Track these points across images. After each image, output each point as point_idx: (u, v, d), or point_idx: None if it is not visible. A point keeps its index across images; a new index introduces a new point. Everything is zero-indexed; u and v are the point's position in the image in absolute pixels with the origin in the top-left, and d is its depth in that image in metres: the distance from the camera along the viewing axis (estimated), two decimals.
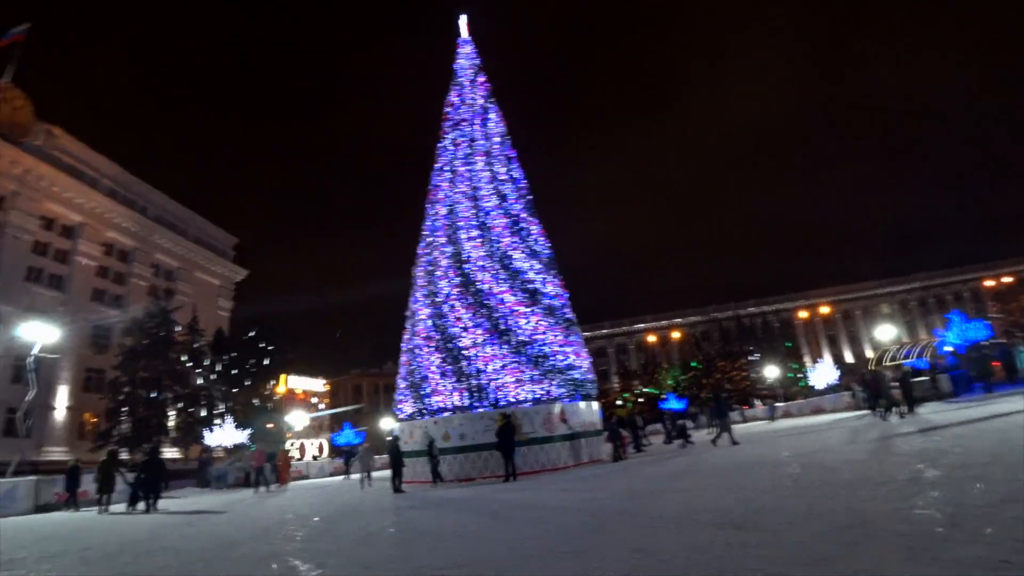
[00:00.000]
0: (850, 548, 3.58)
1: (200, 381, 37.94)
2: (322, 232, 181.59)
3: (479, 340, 15.86)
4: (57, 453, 36.79)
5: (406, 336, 18.02)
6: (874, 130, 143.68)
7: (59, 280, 41.79)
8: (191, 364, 37.77)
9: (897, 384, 18.05)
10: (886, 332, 44.80)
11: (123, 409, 35.27)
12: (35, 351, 19.06)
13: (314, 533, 7.95)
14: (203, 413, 35.77)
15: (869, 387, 19.04)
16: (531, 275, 17.06)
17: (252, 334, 39.87)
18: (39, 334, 18.59)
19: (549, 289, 17.27)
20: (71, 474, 18.47)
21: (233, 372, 37.41)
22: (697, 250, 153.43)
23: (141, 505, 14.88)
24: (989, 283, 63.51)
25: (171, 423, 36.23)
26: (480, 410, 15.64)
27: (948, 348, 23.87)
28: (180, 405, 36.22)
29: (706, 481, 8.71)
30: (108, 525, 12.26)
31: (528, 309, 16.40)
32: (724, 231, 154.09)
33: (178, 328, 38.91)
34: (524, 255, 17.26)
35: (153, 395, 34.35)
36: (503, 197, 18.12)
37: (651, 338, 66.30)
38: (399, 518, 9.14)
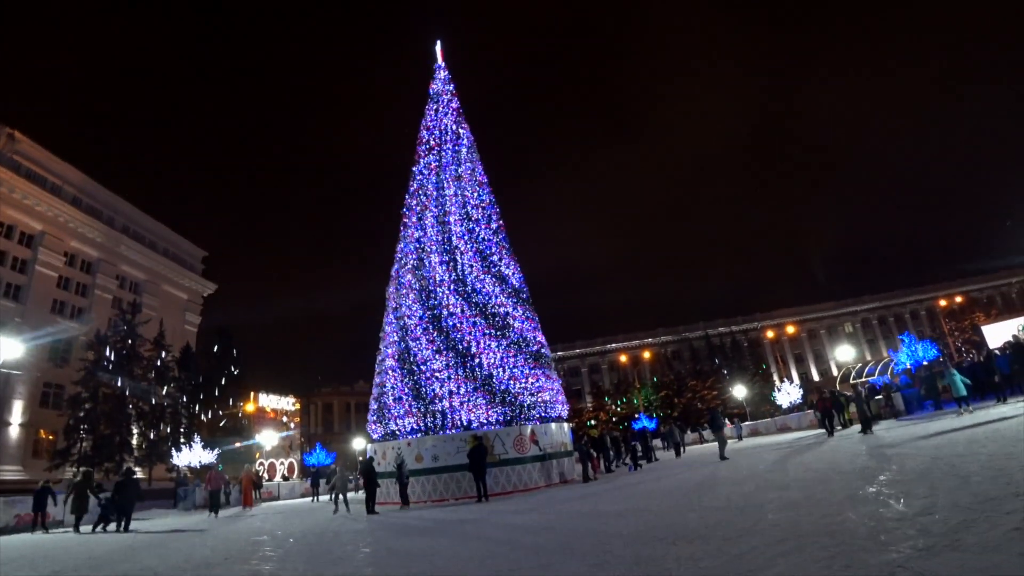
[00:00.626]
0: (780, 558, 4.06)
1: (166, 398, 36.92)
2: (292, 247, 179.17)
3: (447, 364, 16.12)
4: (10, 472, 35.23)
5: (379, 358, 18.19)
6: (825, 156, 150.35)
7: (16, 290, 40.34)
8: (157, 380, 36.77)
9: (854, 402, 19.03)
10: (846, 352, 46.76)
11: (83, 427, 34.06)
12: None
13: (291, 553, 8.09)
14: (169, 431, 34.74)
15: (816, 408, 20.22)
16: (500, 300, 17.43)
17: (224, 346, 39.07)
18: (4, 349, 18.00)
19: (518, 315, 17.64)
20: (40, 495, 17.82)
21: (200, 389, 36.54)
22: (666, 270, 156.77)
23: (112, 526, 14.62)
24: (943, 302, 67.27)
25: (134, 441, 35.06)
26: (451, 432, 15.87)
27: (901, 368, 25.24)
28: (143, 423, 35.14)
29: (668, 500, 9.17)
30: (80, 546, 12.02)
31: (495, 337, 16.70)
32: (692, 252, 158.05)
33: (143, 343, 37.93)
34: (493, 281, 17.66)
35: (116, 412, 33.26)
36: (474, 223, 18.58)
37: (623, 358, 67.30)
38: (373, 538, 9.32)
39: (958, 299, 66.90)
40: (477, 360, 16.04)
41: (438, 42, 25.42)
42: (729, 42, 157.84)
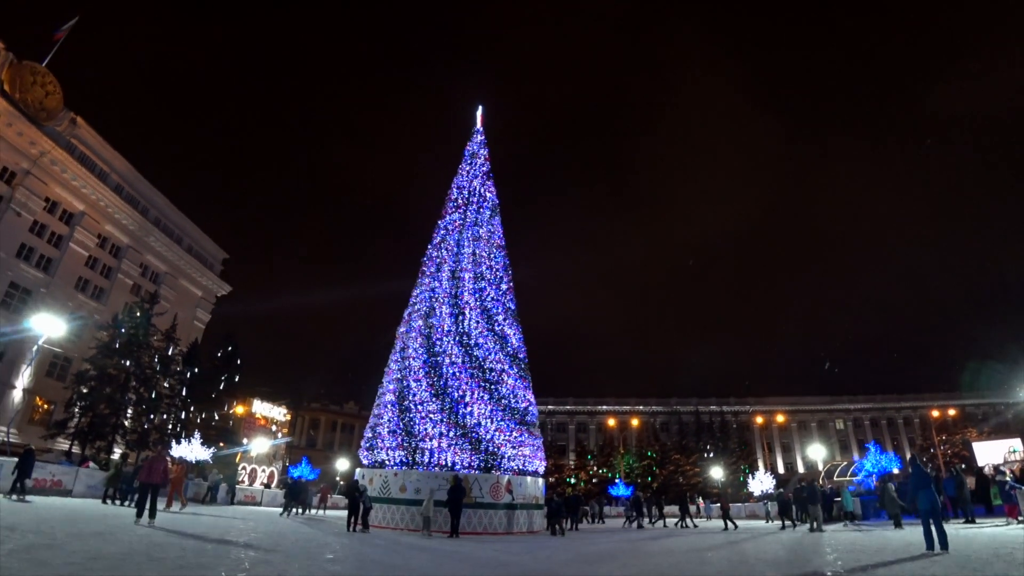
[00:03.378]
0: None
1: (166, 389, 38.23)
2: (300, 263, 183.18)
3: (441, 408, 17.53)
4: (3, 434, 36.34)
5: (380, 390, 19.63)
6: (833, 248, 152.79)
7: (48, 262, 42.49)
8: (161, 371, 38.17)
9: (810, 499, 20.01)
10: (817, 451, 47.65)
11: (82, 403, 35.25)
12: (40, 342, 20.06)
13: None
14: (164, 421, 35.88)
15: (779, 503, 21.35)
16: (497, 358, 18.87)
17: (228, 349, 40.54)
18: (47, 327, 19.59)
19: (511, 374, 19.12)
20: (25, 459, 17.45)
21: (200, 385, 37.86)
22: (664, 342, 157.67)
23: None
24: (935, 413, 67.25)
25: (128, 424, 36.18)
26: (435, 469, 17.15)
27: (863, 474, 26.25)
28: (142, 408, 36.35)
29: (612, 561, 10.42)
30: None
31: (487, 391, 18.14)
32: (691, 327, 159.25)
33: (155, 333, 39.53)
34: (494, 339, 19.22)
35: (118, 394, 34.57)
36: (486, 282, 20.30)
37: (611, 421, 67.71)
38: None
39: (951, 411, 66.98)
40: (468, 409, 17.45)
41: (480, 108, 27.68)
42: (745, 128, 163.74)
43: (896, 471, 25.49)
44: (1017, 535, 13.00)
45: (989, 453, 36.09)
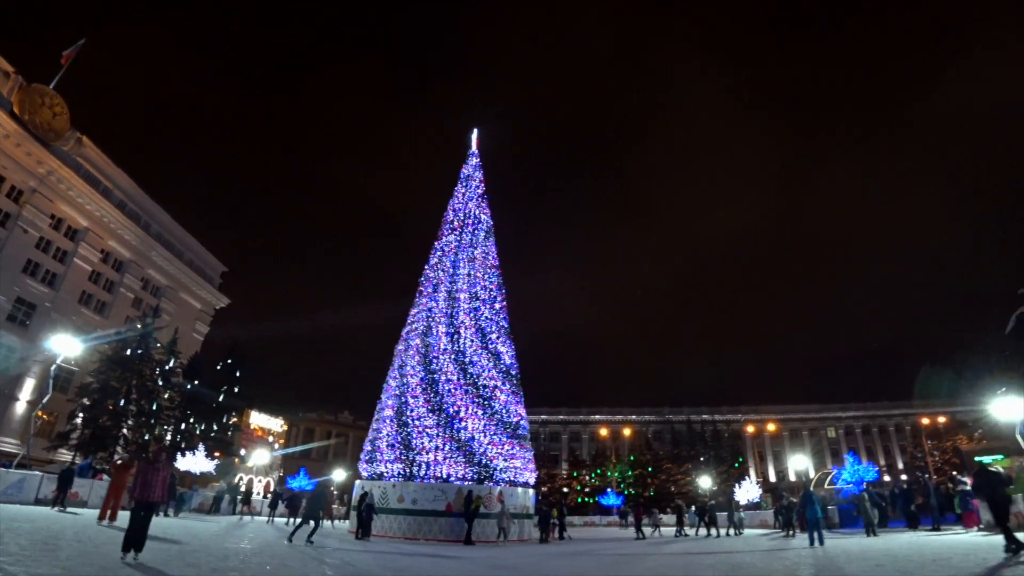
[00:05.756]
0: None
1: (167, 401, 39.07)
2: (298, 275, 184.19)
3: (437, 423, 18.60)
4: (8, 445, 37.12)
5: (379, 405, 20.68)
6: (832, 258, 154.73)
7: (52, 277, 43.42)
8: (162, 383, 39.05)
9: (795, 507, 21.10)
10: (800, 461, 48.66)
11: (84, 415, 36.06)
12: (58, 361, 21.06)
13: None
14: (164, 433, 36.70)
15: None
16: (491, 375, 19.95)
17: (229, 362, 41.42)
18: (64, 347, 20.63)
19: (504, 389, 20.22)
20: (65, 475, 19.07)
21: (201, 398, 38.73)
22: (660, 351, 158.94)
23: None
24: (926, 420, 68.26)
25: (129, 436, 36.98)
26: (432, 481, 18.21)
27: (842, 483, 27.41)
28: (142, 420, 37.18)
29: (596, 566, 11.54)
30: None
31: (481, 407, 19.22)
32: (686, 337, 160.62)
33: (158, 345, 40.44)
34: (488, 357, 20.30)
35: (121, 406, 35.42)
36: (480, 302, 21.41)
37: (604, 431, 68.51)
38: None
39: (941, 419, 67.90)
40: (463, 424, 18.54)
41: (475, 130, 28.62)
42: (743, 138, 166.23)
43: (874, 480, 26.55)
44: (959, 542, 14.08)
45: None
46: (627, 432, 67.35)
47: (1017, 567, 8.18)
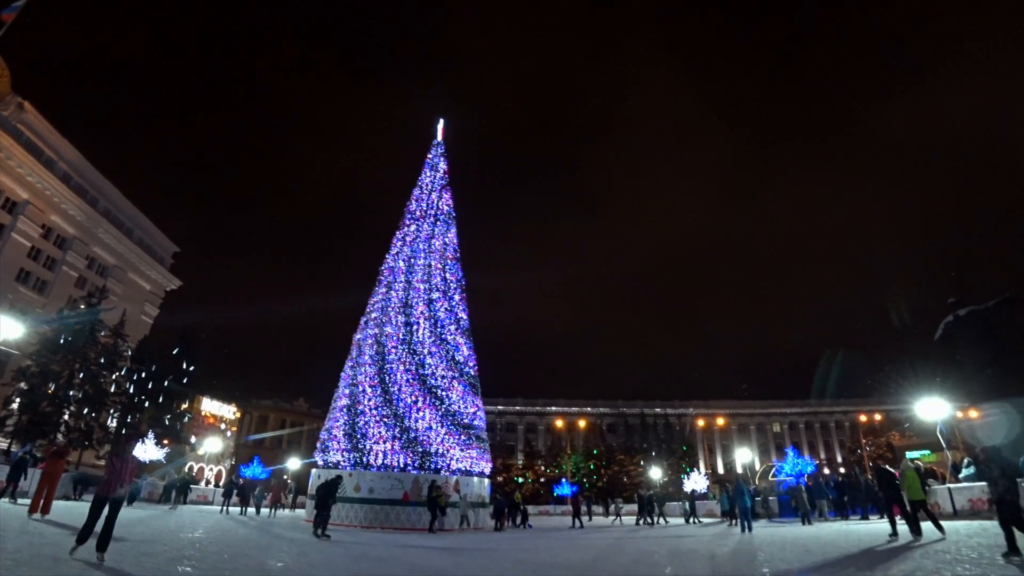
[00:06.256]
0: None
1: (112, 386, 37.56)
2: (253, 259, 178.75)
3: (392, 413, 18.73)
4: None
5: (336, 394, 20.62)
6: (779, 259, 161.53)
7: None
8: (107, 367, 37.49)
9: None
10: (744, 455, 51.47)
11: (21, 400, 34.28)
12: None
13: None
14: (111, 421, 35.32)
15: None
16: (443, 371, 20.07)
17: (180, 346, 40.12)
18: (7, 330, 19.45)
19: (456, 387, 20.31)
20: (18, 464, 17.55)
21: (150, 383, 37.41)
22: (614, 346, 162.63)
23: None
24: (863, 418, 72.79)
25: (71, 422, 35.43)
26: (385, 471, 18.40)
27: (782, 475, 29.26)
28: (86, 406, 35.65)
29: (548, 552, 12.07)
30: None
31: (432, 406, 19.33)
32: (640, 333, 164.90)
33: (104, 328, 38.71)
34: (441, 353, 20.32)
35: (62, 392, 33.87)
36: (439, 293, 21.48)
37: (559, 422, 69.68)
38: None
39: (877, 416, 72.43)
40: (421, 414, 18.77)
41: (440, 121, 28.46)
42: (700, 143, 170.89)
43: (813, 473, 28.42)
44: (870, 529, 15.35)
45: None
46: (582, 424, 68.68)
47: (890, 545, 10.44)
